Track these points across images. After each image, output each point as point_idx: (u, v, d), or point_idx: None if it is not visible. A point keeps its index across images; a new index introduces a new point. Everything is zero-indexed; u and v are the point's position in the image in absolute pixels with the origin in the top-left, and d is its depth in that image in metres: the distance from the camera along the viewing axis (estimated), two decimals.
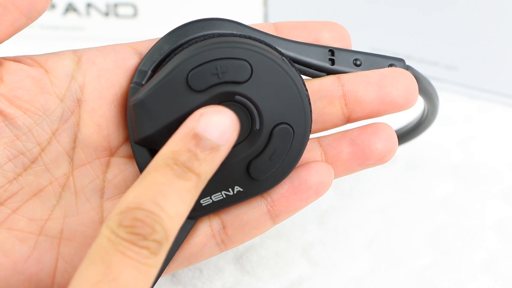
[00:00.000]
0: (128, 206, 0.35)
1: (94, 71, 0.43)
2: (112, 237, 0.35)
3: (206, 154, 0.37)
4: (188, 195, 0.37)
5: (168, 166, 0.37)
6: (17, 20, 0.42)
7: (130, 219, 0.35)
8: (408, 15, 0.66)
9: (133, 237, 0.35)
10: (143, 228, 0.35)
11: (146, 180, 0.36)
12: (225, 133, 0.38)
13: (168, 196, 0.36)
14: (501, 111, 0.67)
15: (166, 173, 0.36)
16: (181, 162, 0.37)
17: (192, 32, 0.44)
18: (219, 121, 0.38)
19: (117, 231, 0.35)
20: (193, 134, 0.37)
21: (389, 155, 0.45)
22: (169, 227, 0.36)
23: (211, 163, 0.38)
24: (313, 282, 0.53)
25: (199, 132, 0.37)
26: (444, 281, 0.53)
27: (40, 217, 0.43)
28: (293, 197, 0.45)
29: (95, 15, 0.71)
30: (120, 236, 0.35)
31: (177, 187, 0.36)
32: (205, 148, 0.37)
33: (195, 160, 0.37)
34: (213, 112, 0.38)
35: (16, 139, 0.42)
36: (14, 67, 0.42)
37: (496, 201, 0.59)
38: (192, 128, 0.37)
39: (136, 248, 0.35)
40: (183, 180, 0.36)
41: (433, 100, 0.49)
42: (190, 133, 0.37)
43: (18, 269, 0.43)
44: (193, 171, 0.37)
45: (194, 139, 0.37)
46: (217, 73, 0.41)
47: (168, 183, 0.36)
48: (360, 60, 0.46)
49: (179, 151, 0.37)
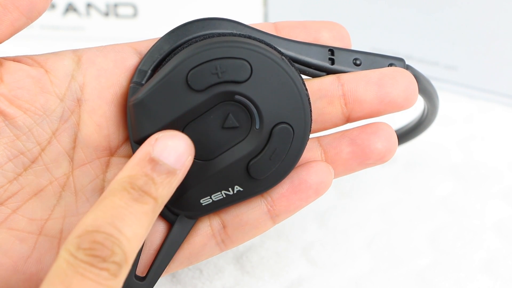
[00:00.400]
0: (86, 230, 0.35)
1: (94, 71, 0.44)
2: (71, 259, 0.35)
3: (163, 178, 0.37)
4: (146, 218, 0.37)
5: (125, 190, 0.37)
6: (17, 20, 0.42)
7: (88, 242, 0.35)
8: (408, 15, 0.66)
9: (92, 259, 0.35)
10: (102, 250, 0.35)
11: (103, 204, 0.36)
12: (181, 157, 0.38)
13: (126, 219, 0.36)
14: (501, 111, 0.67)
15: (123, 197, 0.36)
16: (138, 186, 0.37)
17: (192, 32, 0.44)
18: (174, 146, 0.38)
19: (76, 253, 0.35)
20: (149, 159, 0.37)
21: (389, 155, 0.45)
22: (128, 250, 0.35)
23: (168, 187, 0.38)
24: (313, 282, 0.53)
25: (155, 157, 0.37)
26: (444, 281, 0.53)
27: (40, 217, 0.43)
28: (293, 197, 0.45)
29: (95, 15, 0.71)
30: (79, 258, 0.35)
31: (135, 210, 0.36)
32: (162, 172, 0.37)
33: (152, 184, 0.37)
34: (168, 137, 0.38)
35: (16, 139, 0.42)
36: (14, 67, 0.42)
37: (496, 201, 0.59)
38: (148, 152, 0.37)
39: (95, 270, 0.35)
40: (140, 204, 0.37)
41: (433, 99, 0.49)
42: (146, 157, 0.37)
43: (18, 269, 0.43)
44: (150, 195, 0.37)
45: (150, 163, 0.37)
46: (216, 72, 0.41)
47: (126, 207, 0.36)
48: (360, 59, 0.46)
49: (136, 176, 0.37)
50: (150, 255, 0.45)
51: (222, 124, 0.43)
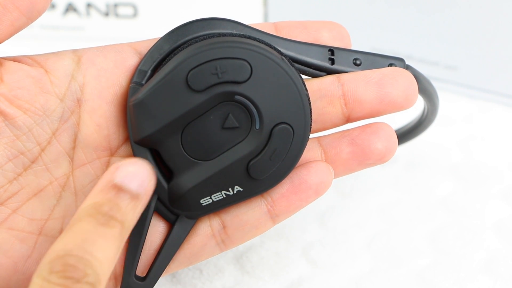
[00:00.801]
0: (57, 255, 0.35)
1: (94, 71, 0.43)
2: (45, 284, 0.34)
3: (127, 203, 0.37)
4: (115, 241, 0.37)
5: (91, 216, 0.36)
6: (17, 20, 0.42)
7: (61, 265, 0.34)
8: (408, 15, 0.66)
9: (66, 281, 0.34)
10: (75, 272, 0.34)
11: (72, 230, 0.36)
12: (143, 182, 0.38)
13: (96, 243, 0.36)
14: (501, 111, 0.67)
15: (90, 222, 0.36)
16: (104, 212, 0.37)
17: (192, 32, 0.44)
18: (136, 171, 0.38)
19: (49, 277, 0.34)
20: (112, 185, 0.37)
21: (389, 155, 0.45)
22: (100, 271, 0.35)
23: (132, 211, 0.38)
24: (313, 282, 0.53)
25: (118, 183, 0.37)
26: (444, 281, 0.53)
27: (40, 217, 0.43)
28: (293, 197, 0.45)
29: (95, 15, 0.71)
30: (52, 281, 0.34)
31: (103, 234, 0.36)
32: (125, 197, 0.37)
33: (117, 209, 0.37)
34: (129, 163, 0.38)
35: (16, 139, 0.42)
36: (14, 67, 0.42)
37: (496, 201, 0.59)
38: (110, 180, 0.37)
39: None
40: (108, 227, 0.36)
41: (433, 99, 0.49)
42: (109, 184, 0.37)
43: (18, 269, 0.43)
44: (116, 219, 0.37)
45: (114, 189, 0.37)
46: (216, 73, 0.41)
47: (94, 231, 0.36)
48: (360, 59, 0.46)
49: (100, 202, 0.37)
50: (150, 255, 0.45)
51: (222, 124, 0.43)
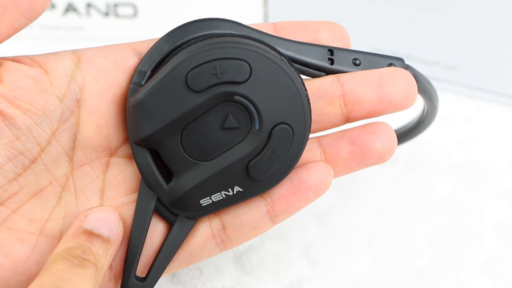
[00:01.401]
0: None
1: (93, 71, 0.43)
2: None
3: (98, 246, 0.38)
4: (89, 280, 0.37)
5: (65, 258, 0.37)
6: (16, 20, 0.42)
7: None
8: (408, 15, 0.66)
9: None
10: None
11: (47, 271, 0.36)
12: (112, 227, 0.39)
13: (71, 281, 0.36)
14: (501, 111, 0.67)
15: (65, 264, 0.37)
16: (77, 255, 0.37)
17: (191, 32, 0.44)
18: (104, 217, 0.39)
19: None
20: (83, 231, 0.38)
21: (389, 154, 0.45)
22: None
23: (105, 254, 0.38)
24: (313, 282, 0.53)
25: (88, 228, 0.38)
26: (444, 281, 0.53)
27: (40, 217, 0.43)
28: (292, 197, 0.45)
29: (95, 15, 0.71)
30: None
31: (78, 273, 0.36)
32: (97, 241, 0.38)
33: (90, 253, 0.38)
34: (98, 210, 0.39)
35: (15, 139, 0.42)
36: (13, 67, 0.42)
37: (496, 201, 0.59)
38: (80, 226, 0.38)
39: None
40: (82, 268, 0.37)
41: (433, 99, 0.49)
42: (80, 230, 0.38)
43: (18, 270, 0.43)
44: (89, 261, 0.37)
45: (84, 234, 0.38)
46: (216, 73, 0.41)
47: (69, 270, 0.36)
48: (360, 59, 0.46)
49: (73, 246, 0.38)
50: (150, 255, 0.45)
51: (222, 124, 0.43)
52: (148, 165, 0.43)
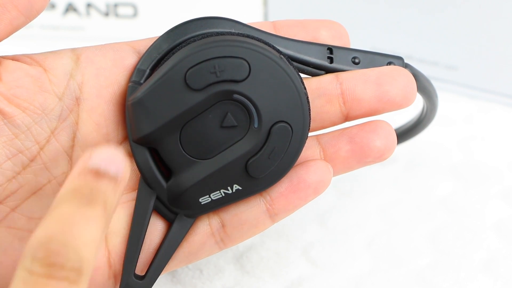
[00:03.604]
0: (39, 241, 0.34)
1: (92, 70, 0.43)
2: (27, 276, 0.33)
3: (106, 185, 0.36)
4: (98, 222, 0.36)
5: (71, 199, 0.35)
6: (15, 18, 0.42)
7: (43, 251, 0.33)
8: (408, 15, 0.66)
9: (49, 270, 0.33)
10: (59, 258, 0.33)
11: (52, 215, 0.35)
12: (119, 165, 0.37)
13: (79, 224, 0.35)
14: (501, 111, 0.67)
15: (71, 204, 0.35)
16: (84, 194, 0.36)
17: (190, 31, 0.44)
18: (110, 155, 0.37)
19: (32, 267, 0.33)
20: (89, 170, 0.36)
21: (388, 153, 0.45)
22: (85, 255, 0.34)
23: (113, 194, 0.37)
24: (313, 282, 0.53)
25: (94, 167, 0.36)
26: (444, 281, 0.53)
27: (39, 216, 0.43)
28: (292, 196, 0.44)
29: (95, 15, 0.71)
30: (35, 272, 0.33)
31: (86, 215, 0.35)
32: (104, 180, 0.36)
33: (97, 192, 0.36)
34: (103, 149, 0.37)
35: (15, 138, 0.42)
36: (12, 65, 0.42)
37: (496, 201, 0.59)
38: (86, 165, 0.36)
39: (54, 281, 0.33)
40: (90, 209, 0.35)
41: (432, 98, 0.49)
42: (85, 170, 0.36)
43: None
44: (97, 201, 0.36)
45: (91, 173, 0.36)
46: (215, 71, 0.41)
47: (76, 213, 0.35)
48: (359, 58, 0.46)
49: (79, 186, 0.36)
50: (150, 254, 0.45)
51: (221, 123, 0.43)
52: (147, 163, 0.43)
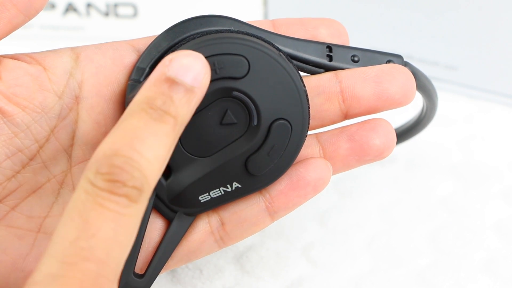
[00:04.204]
0: (105, 154, 0.34)
1: (92, 68, 0.44)
2: (90, 188, 0.33)
3: (181, 96, 0.36)
4: (167, 139, 0.35)
5: (143, 110, 0.35)
6: (15, 17, 0.42)
7: (107, 166, 0.33)
8: (408, 15, 0.66)
9: (111, 185, 0.33)
10: (121, 175, 0.33)
11: (122, 126, 0.35)
12: (198, 75, 0.36)
13: (146, 140, 0.34)
14: (501, 111, 0.67)
15: (142, 117, 0.35)
16: (157, 106, 0.35)
17: (189, 29, 0.44)
18: (190, 64, 0.36)
19: (94, 180, 0.33)
20: (166, 78, 0.36)
21: (388, 151, 0.45)
22: (149, 173, 0.34)
23: (187, 105, 0.36)
24: (313, 282, 0.53)
25: (171, 76, 0.36)
26: (444, 281, 0.53)
27: (38, 215, 0.43)
28: (291, 194, 0.44)
29: (95, 15, 0.71)
30: (97, 186, 0.33)
31: (155, 131, 0.35)
32: (180, 90, 0.36)
33: (171, 103, 0.36)
34: (183, 55, 0.37)
35: (14, 136, 0.42)
36: (12, 64, 0.42)
37: (496, 201, 0.59)
38: (164, 73, 0.36)
39: (114, 197, 0.33)
40: (160, 123, 0.35)
41: (432, 96, 0.49)
42: (162, 77, 0.36)
43: (17, 267, 0.43)
44: (169, 114, 0.36)
45: (167, 82, 0.36)
46: (214, 68, 0.41)
47: (145, 127, 0.35)
48: (358, 56, 0.46)
49: (153, 96, 0.36)
50: (149, 252, 0.45)
51: (220, 120, 0.43)
52: None
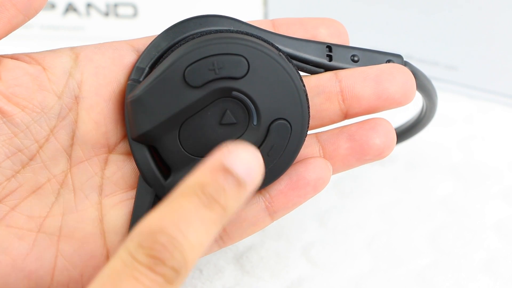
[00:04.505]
0: (150, 229, 0.34)
1: (91, 68, 0.44)
2: (128, 260, 0.33)
3: (233, 189, 0.36)
4: (213, 227, 0.35)
5: (195, 194, 0.35)
6: (14, 17, 0.42)
7: (151, 242, 0.33)
8: (408, 15, 0.66)
9: (150, 261, 0.33)
10: (163, 253, 0.33)
11: (171, 205, 0.35)
12: (252, 172, 0.36)
13: (193, 224, 0.34)
14: (501, 111, 0.67)
15: (192, 200, 0.35)
16: (208, 192, 0.35)
17: (189, 29, 0.44)
18: (248, 159, 0.36)
19: (135, 253, 0.33)
20: (222, 168, 0.36)
21: (388, 151, 0.45)
22: (189, 257, 0.34)
23: (237, 199, 0.36)
24: (313, 282, 0.53)
25: (228, 167, 0.36)
26: (444, 281, 0.53)
27: (38, 214, 0.43)
28: (291, 193, 0.44)
29: (95, 15, 0.71)
30: (137, 258, 0.33)
31: (203, 216, 0.35)
32: (233, 183, 0.36)
33: (222, 193, 0.35)
34: (243, 150, 0.36)
35: (14, 137, 0.42)
36: (11, 64, 0.42)
37: (496, 201, 0.59)
38: (221, 162, 0.36)
39: (151, 274, 0.33)
40: (209, 210, 0.35)
41: (431, 96, 0.49)
42: (219, 166, 0.36)
43: (17, 266, 0.43)
44: (219, 203, 0.35)
45: (222, 172, 0.36)
46: (213, 69, 0.41)
47: (194, 211, 0.35)
48: (358, 56, 0.46)
49: (207, 182, 0.35)
50: None
51: (220, 120, 0.43)
52: (147, 161, 0.43)
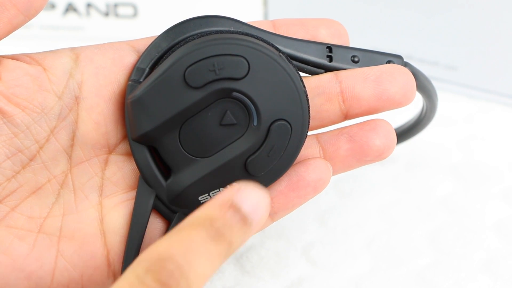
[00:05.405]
0: (159, 255, 0.35)
1: (92, 69, 0.44)
2: (135, 283, 0.34)
3: (240, 226, 0.37)
4: (217, 260, 0.36)
5: (204, 227, 0.36)
6: (14, 17, 0.42)
7: (159, 267, 0.34)
8: (408, 15, 0.66)
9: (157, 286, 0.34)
10: (170, 279, 0.34)
11: (180, 235, 0.36)
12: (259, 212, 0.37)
13: (200, 256, 0.35)
14: (501, 111, 0.67)
15: (201, 233, 0.36)
16: (217, 226, 0.36)
17: (189, 30, 0.44)
18: (256, 199, 0.37)
19: (143, 277, 0.34)
20: (231, 205, 0.37)
21: (388, 151, 0.45)
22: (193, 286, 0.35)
23: (242, 236, 0.37)
24: (313, 282, 0.53)
25: (237, 205, 0.37)
26: (444, 281, 0.53)
27: (39, 215, 0.43)
28: (291, 194, 0.44)
29: (95, 15, 0.71)
30: (144, 282, 0.34)
31: (209, 249, 0.36)
32: (240, 220, 0.37)
33: (229, 229, 0.36)
34: (253, 190, 0.37)
35: (14, 137, 0.42)
36: (12, 64, 0.42)
37: (496, 201, 0.59)
38: (231, 199, 0.37)
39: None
40: (215, 244, 0.36)
41: (432, 97, 0.49)
42: (228, 202, 0.37)
43: (17, 267, 0.43)
44: (225, 238, 0.36)
45: (231, 208, 0.37)
46: (214, 69, 0.41)
47: (202, 243, 0.36)
48: (358, 56, 0.46)
49: (216, 216, 0.36)
50: None
51: (220, 121, 0.43)
52: (147, 162, 0.43)
